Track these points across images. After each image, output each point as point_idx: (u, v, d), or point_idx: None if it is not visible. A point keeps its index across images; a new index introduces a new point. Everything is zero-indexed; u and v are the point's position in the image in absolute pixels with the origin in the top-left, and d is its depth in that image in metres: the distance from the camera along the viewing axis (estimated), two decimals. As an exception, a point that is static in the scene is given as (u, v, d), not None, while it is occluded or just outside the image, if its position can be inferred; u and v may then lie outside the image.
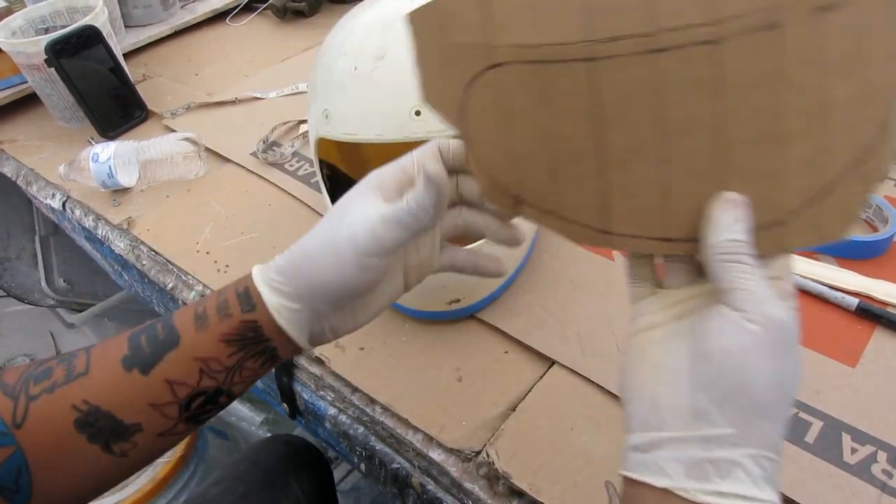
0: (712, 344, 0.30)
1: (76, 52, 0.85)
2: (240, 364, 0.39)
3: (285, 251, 0.39)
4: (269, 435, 0.94)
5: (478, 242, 0.51)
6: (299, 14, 1.21)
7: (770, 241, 0.31)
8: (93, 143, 0.86)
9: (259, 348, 0.39)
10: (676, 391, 0.31)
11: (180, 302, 0.70)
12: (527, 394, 0.54)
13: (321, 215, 0.74)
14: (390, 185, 0.38)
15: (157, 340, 0.38)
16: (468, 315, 0.60)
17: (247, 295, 0.38)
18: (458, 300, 0.57)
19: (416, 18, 0.35)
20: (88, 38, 0.86)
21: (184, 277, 0.71)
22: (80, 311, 1.41)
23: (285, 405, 0.64)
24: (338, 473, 1.13)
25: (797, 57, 0.28)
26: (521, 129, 0.34)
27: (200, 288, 0.69)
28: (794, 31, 0.28)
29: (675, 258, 0.35)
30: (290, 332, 0.38)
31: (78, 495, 0.39)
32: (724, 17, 0.28)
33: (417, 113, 0.49)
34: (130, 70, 0.98)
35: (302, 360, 0.60)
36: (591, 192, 0.33)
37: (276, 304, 0.38)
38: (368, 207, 0.37)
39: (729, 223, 0.31)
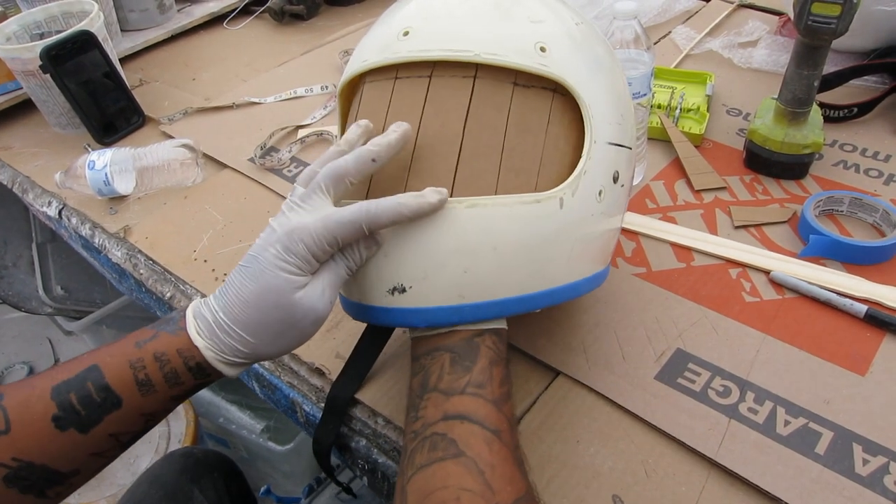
0: None
1: (71, 57, 0.84)
2: (181, 402, 0.43)
3: (234, 332, 0.41)
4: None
5: None
6: (297, 17, 1.20)
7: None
8: (89, 149, 0.84)
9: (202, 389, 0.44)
10: None
11: (178, 311, 0.69)
12: (531, 405, 0.53)
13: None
14: (310, 259, 0.41)
15: (93, 403, 0.39)
16: (423, 321, 0.44)
17: (200, 368, 0.41)
18: (403, 288, 0.43)
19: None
20: (84, 44, 0.85)
21: (182, 287, 0.70)
22: (78, 319, 1.39)
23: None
24: (341, 479, 1.12)
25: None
26: None
27: (198, 297, 0.67)
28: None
29: None
30: (237, 376, 0.44)
31: None
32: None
33: (406, 33, 0.44)
34: (127, 75, 0.97)
35: (303, 372, 0.60)
36: None
37: (234, 372, 0.43)
38: (320, 290, 0.42)
39: None
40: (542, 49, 0.43)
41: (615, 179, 0.47)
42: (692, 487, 0.47)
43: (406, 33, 0.44)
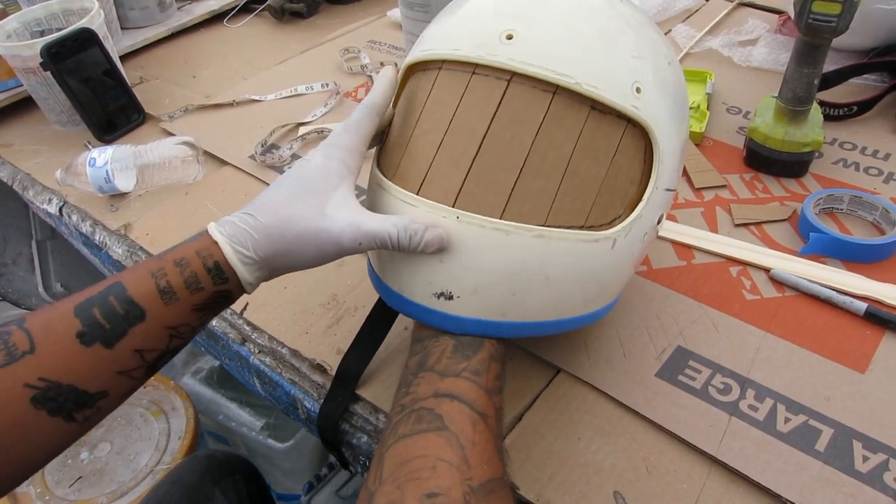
0: None
1: (72, 54, 0.84)
2: (205, 321, 0.43)
3: (258, 224, 0.41)
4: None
5: None
6: (297, 15, 1.20)
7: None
8: (89, 147, 0.84)
9: (225, 306, 0.43)
10: None
11: (179, 309, 0.69)
12: (533, 402, 0.53)
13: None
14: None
15: (116, 315, 0.38)
16: (460, 329, 0.44)
17: (218, 269, 0.41)
18: (451, 296, 0.44)
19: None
20: (84, 41, 0.85)
21: (183, 284, 0.70)
22: (78, 316, 1.39)
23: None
24: (339, 479, 1.12)
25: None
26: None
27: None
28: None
29: None
30: (253, 290, 0.44)
31: (34, 465, 0.39)
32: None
33: (509, 37, 0.42)
34: (127, 73, 0.97)
35: (304, 369, 0.60)
36: None
37: (251, 277, 0.42)
38: (354, 214, 0.42)
39: None
40: (638, 90, 0.42)
41: (659, 221, 0.48)
42: (693, 484, 0.47)
43: (510, 37, 0.42)
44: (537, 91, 0.42)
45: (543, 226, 0.42)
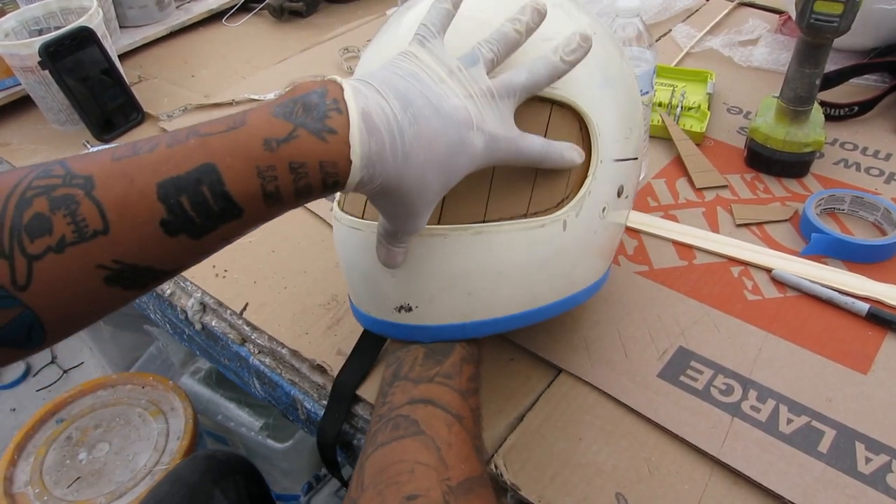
0: None
1: (70, 53, 0.84)
2: None
3: (400, 172, 0.36)
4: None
5: None
6: (296, 14, 1.20)
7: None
8: (88, 146, 0.84)
9: None
10: None
11: (178, 309, 0.69)
12: (534, 403, 0.53)
13: (319, 217, 0.72)
14: None
15: (209, 211, 0.33)
16: (427, 337, 0.45)
17: (336, 186, 0.35)
18: (409, 307, 0.45)
19: None
20: (83, 40, 0.85)
21: (182, 283, 0.69)
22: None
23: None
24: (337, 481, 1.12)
25: None
26: None
27: (199, 294, 0.67)
28: None
29: None
30: None
31: (91, 323, 0.37)
32: None
33: None
34: (126, 72, 0.96)
35: (304, 369, 0.59)
36: None
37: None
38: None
39: None
40: None
41: (619, 194, 0.47)
42: (695, 485, 0.47)
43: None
44: None
45: (482, 222, 0.42)
